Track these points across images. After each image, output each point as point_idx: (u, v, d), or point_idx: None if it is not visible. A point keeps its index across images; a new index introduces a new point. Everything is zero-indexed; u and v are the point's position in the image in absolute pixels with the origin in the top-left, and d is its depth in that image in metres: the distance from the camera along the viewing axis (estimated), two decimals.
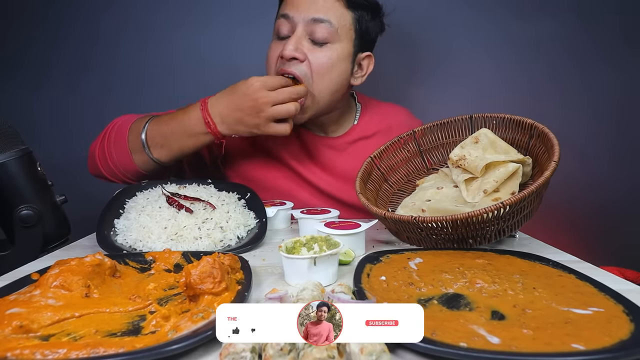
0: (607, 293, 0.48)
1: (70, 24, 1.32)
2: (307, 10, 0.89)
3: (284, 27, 0.91)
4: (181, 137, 0.87)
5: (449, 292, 0.50)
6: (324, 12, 0.89)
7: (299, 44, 0.89)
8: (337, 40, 0.91)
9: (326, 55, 0.90)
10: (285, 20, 0.91)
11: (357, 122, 1.07)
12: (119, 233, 0.77)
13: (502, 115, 0.83)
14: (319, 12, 0.89)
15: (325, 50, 0.90)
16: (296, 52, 0.88)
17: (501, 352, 0.37)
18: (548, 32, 1.30)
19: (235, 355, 0.35)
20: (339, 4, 0.91)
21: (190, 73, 1.33)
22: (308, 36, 0.90)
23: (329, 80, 0.92)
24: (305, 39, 0.90)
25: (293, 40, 0.89)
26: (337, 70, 0.92)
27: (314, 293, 0.47)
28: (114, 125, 0.93)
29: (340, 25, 0.90)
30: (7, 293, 0.50)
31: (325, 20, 0.89)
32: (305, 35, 0.90)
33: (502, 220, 0.66)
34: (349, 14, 0.92)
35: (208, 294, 0.48)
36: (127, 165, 0.90)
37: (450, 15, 1.31)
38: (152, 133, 0.88)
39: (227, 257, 0.56)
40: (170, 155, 0.90)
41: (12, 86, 1.34)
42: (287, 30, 0.91)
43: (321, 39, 0.90)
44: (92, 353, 0.37)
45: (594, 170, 1.34)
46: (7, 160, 0.75)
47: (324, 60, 0.90)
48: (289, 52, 0.88)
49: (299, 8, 0.89)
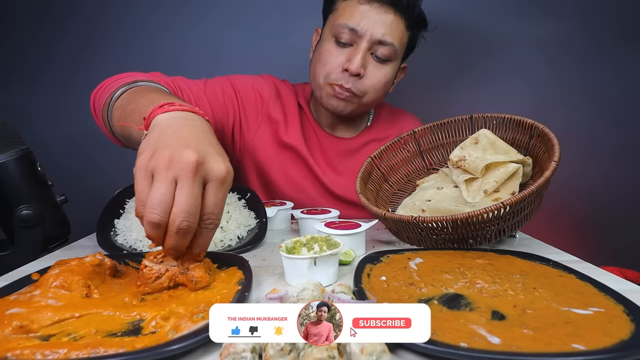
0: (608, 293, 0.48)
1: (68, 23, 1.32)
2: (374, 27, 0.89)
3: (345, 36, 0.91)
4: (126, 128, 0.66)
5: (450, 292, 0.50)
6: (390, 35, 0.90)
7: (365, 60, 0.91)
8: (395, 59, 0.95)
9: (384, 72, 0.94)
10: (349, 31, 0.90)
11: (370, 125, 1.09)
12: (119, 233, 0.77)
13: (502, 115, 0.83)
14: (387, 34, 0.90)
15: (385, 68, 0.94)
16: (362, 69, 0.91)
17: (502, 352, 0.37)
18: (550, 32, 1.30)
19: (236, 355, 0.34)
20: (403, 25, 0.92)
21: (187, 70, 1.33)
22: (371, 51, 0.92)
23: (381, 94, 0.98)
24: (369, 54, 0.92)
25: (360, 56, 0.90)
26: (388, 85, 0.98)
27: (314, 293, 0.47)
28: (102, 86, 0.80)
29: (400, 46, 0.94)
30: (7, 293, 0.50)
31: (390, 43, 0.90)
32: (369, 51, 0.92)
33: (502, 220, 0.66)
34: (407, 33, 0.95)
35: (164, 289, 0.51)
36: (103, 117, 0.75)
37: (451, 16, 1.31)
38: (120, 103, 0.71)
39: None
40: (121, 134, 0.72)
41: (12, 86, 1.34)
42: (348, 39, 0.91)
43: (384, 57, 0.92)
44: (92, 353, 0.37)
45: (595, 170, 1.34)
46: (7, 160, 0.75)
47: (381, 78, 0.94)
48: (356, 68, 0.90)
49: (367, 23, 0.89)
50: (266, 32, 1.32)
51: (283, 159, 1.03)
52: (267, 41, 1.33)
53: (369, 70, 0.92)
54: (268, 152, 1.03)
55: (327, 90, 0.94)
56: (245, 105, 1.01)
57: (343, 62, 0.91)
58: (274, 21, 1.31)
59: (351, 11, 0.91)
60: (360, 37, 0.90)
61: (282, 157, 1.03)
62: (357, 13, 0.90)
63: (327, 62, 0.93)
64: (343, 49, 0.92)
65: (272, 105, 1.02)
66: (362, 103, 0.96)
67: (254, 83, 1.03)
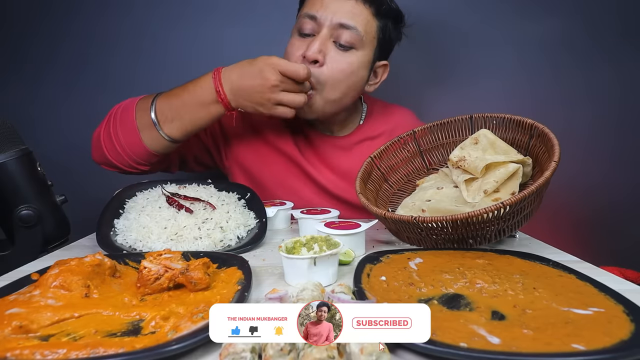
0: (608, 293, 0.48)
1: (69, 23, 1.32)
2: (334, 13, 0.87)
3: (307, 26, 0.89)
4: (192, 108, 0.84)
5: (449, 292, 0.50)
6: (351, 18, 0.88)
7: (323, 46, 0.88)
8: (361, 47, 0.90)
9: (347, 61, 0.89)
10: (310, 20, 0.89)
11: (362, 123, 1.07)
12: (118, 233, 0.77)
13: (502, 115, 0.83)
14: (347, 17, 0.87)
15: (348, 56, 0.89)
16: (319, 54, 0.87)
17: (501, 352, 0.37)
18: (551, 31, 1.29)
19: (235, 355, 0.34)
20: (367, 12, 0.89)
21: (188, 70, 1.33)
22: (333, 39, 0.89)
23: (345, 86, 0.91)
24: (330, 42, 0.89)
25: (318, 42, 0.87)
26: (354, 77, 0.92)
27: (314, 293, 0.47)
28: (119, 108, 0.89)
29: (366, 33, 0.90)
30: (7, 293, 0.50)
31: (352, 26, 0.88)
32: (330, 38, 0.89)
33: (502, 220, 0.66)
34: (375, 22, 0.91)
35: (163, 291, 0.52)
36: (135, 145, 0.86)
37: (452, 16, 1.31)
38: (162, 107, 0.85)
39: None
40: (182, 129, 0.86)
41: (12, 86, 1.34)
42: (310, 29, 0.89)
43: (346, 44, 0.89)
44: (91, 353, 0.37)
45: (595, 171, 1.34)
46: (6, 160, 0.75)
47: (344, 66, 0.89)
48: (312, 53, 0.86)
49: (326, 10, 0.88)
50: (266, 32, 1.32)
51: (273, 163, 1.02)
52: (268, 41, 1.33)
53: (330, 57, 0.88)
54: (256, 158, 1.02)
55: None
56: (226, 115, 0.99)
57: (303, 51, 0.88)
58: (274, 22, 1.31)
59: (313, 1, 0.90)
60: (321, 24, 0.88)
61: (272, 161, 1.02)
62: (318, 1, 0.89)
63: (290, 54, 0.91)
64: (305, 39, 0.90)
65: None
66: (326, 99, 0.90)
67: None
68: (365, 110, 1.09)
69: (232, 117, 0.92)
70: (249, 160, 1.02)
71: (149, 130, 0.85)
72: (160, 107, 0.85)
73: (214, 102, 0.84)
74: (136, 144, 0.86)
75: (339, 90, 0.91)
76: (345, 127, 1.06)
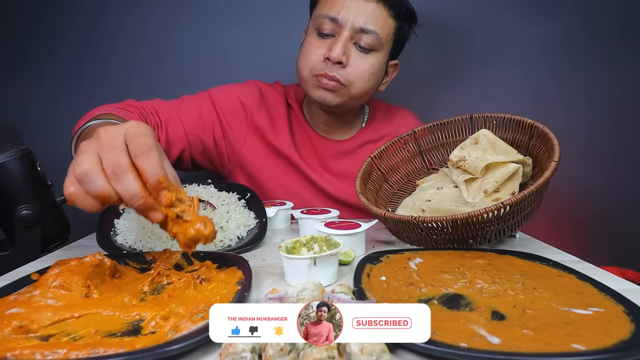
0: (608, 293, 0.48)
1: (69, 22, 1.32)
2: (356, 15, 0.88)
3: (326, 26, 0.90)
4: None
5: (449, 292, 0.50)
6: (372, 22, 0.88)
7: (346, 48, 0.89)
8: (380, 49, 0.92)
9: (369, 62, 0.91)
10: (331, 21, 0.89)
11: (365, 125, 1.07)
12: (119, 233, 0.77)
13: (502, 115, 0.83)
14: (368, 22, 0.88)
15: (369, 58, 0.91)
16: (343, 56, 0.88)
17: (501, 352, 0.36)
18: (550, 33, 1.30)
19: (235, 355, 0.34)
20: (386, 14, 0.90)
21: (188, 70, 1.33)
22: (353, 41, 0.90)
23: (369, 85, 0.94)
24: (351, 43, 0.90)
25: (340, 44, 0.88)
26: (375, 77, 0.94)
27: (314, 293, 0.47)
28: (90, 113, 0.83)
29: (385, 35, 0.91)
30: (7, 293, 0.50)
31: (372, 31, 0.89)
32: (351, 40, 0.90)
33: (502, 220, 0.66)
34: (393, 24, 0.92)
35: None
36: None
37: (452, 18, 1.31)
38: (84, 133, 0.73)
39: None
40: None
41: (12, 86, 1.34)
42: (330, 29, 0.90)
43: (367, 47, 0.90)
44: (91, 353, 0.37)
45: (595, 171, 1.34)
46: (6, 160, 0.75)
47: (367, 68, 0.91)
48: (337, 55, 0.87)
49: (348, 11, 0.88)
50: (266, 33, 1.32)
51: (274, 166, 1.02)
52: (268, 42, 1.33)
53: (352, 59, 0.90)
54: (258, 161, 1.02)
55: (313, 82, 0.92)
56: (228, 118, 1.00)
57: (325, 52, 0.89)
58: (273, 23, 1.32)
59: (332, 2, 0.90)
60: (341, 26, 0.88)
61: (273, 164, 1.02)
62: (338, 3, 0.89)
63: (310, 54, 0.91)
64: (325, 40, 0.91)
65: (257, 112, 1.01)
66: (351, 95, 0.93)
67: (236, 93, 1.02)
68: (367, 113, 1.09)
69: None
70: (250, 163, 1.02)
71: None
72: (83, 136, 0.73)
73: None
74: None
75: (362, 89, 0.93)
76: (348, 130, 1.06)
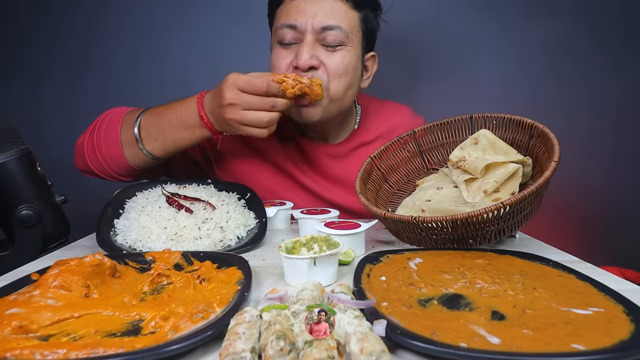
0: (608, 293, 0.48)
1: (69, 23, 1.32)
2: (314, 16, 0.85)
3: (288, 35, 0.87)
4: (176, 129, 0.83)
5: (449, 292, 0.50)
6: (333, 18, 0.85)
7: (312, 51, 0.85)
8: (349, 43, 0.88)
9: (342, 56, 0.87)
10: (290, 29, 0.86)
11: (357, 127, 1.03)
12: (118, 233, 0.77)
13: (502, 115, 0.83)
14: (328, 19, 0.85)
15: (341, 53, 0.87)
16: (312, 59, 0.84)
17: (501, 352, 0.37)
18: (552, 33, 1.29)
19: (235, 355, 0.35)
20: (345, 7, 0.87)
21: (188, 70, 1.33)
22: (319, 42, 0.86)
23: (346, 81, 0.89)
24: (317, 45, 0.86)
25: (306, 49, 0.84)
26: (351, 72, 0.90)
27: (313, 293, 0.47)
28: (105, 117, 0.88)
29: (350, 28, 0.88)
30: (7, 293, 0.50)
31: (336, 26, 0.86)
32: (316, 42, 0.86)
33: (502, 220, 0.66)
34: (355, 15, 0.89)
35: None
36: (117, 158, 0.86)
37: (454, 16, 1.31)
38: (147, 124, 0.84)
39: None
40: (164, 149, 0.85)
41: (11, 86, 1.34)
42: (292, 38, 0.87)
43: (334, 43, 0.86)
44: (91, 353, 0.37)
45: (595, 171, 1.34)
46: (6, 160, 0.75)
47: (339, 62, 0.87)
48: (305, 61, 0.84)
49: (305, 15, 0.85)
50: (266, 32, 1.33)
51: (265, 175, 1.00)
52: (267, 42, 1.33)
53: (323, 59, 0.86)
54: (247, 170, 1.00)
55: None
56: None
57: (292, 60, 0.86)
58: None
59: (287, 10, 0.87)
60: (303, 32, 0.85)
61: (264, 173, 1.00)
62: (293, 9, 0.86)
63: (278, 67, 0.88)
64: (290, 49, 0.87)
65: None
66: (330, 98, 0.88)
67: None
68: (359, 113, 1.05)
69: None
70: (240, 172, 1.00)
71: (132, 146, 0.85)
72: (144, 124, 0.84)
73: (198, 126, 0.82)
74: (118, 158, 0.86)
75: (340, 88, 0.89)
76: (340, 133, 1.02)
